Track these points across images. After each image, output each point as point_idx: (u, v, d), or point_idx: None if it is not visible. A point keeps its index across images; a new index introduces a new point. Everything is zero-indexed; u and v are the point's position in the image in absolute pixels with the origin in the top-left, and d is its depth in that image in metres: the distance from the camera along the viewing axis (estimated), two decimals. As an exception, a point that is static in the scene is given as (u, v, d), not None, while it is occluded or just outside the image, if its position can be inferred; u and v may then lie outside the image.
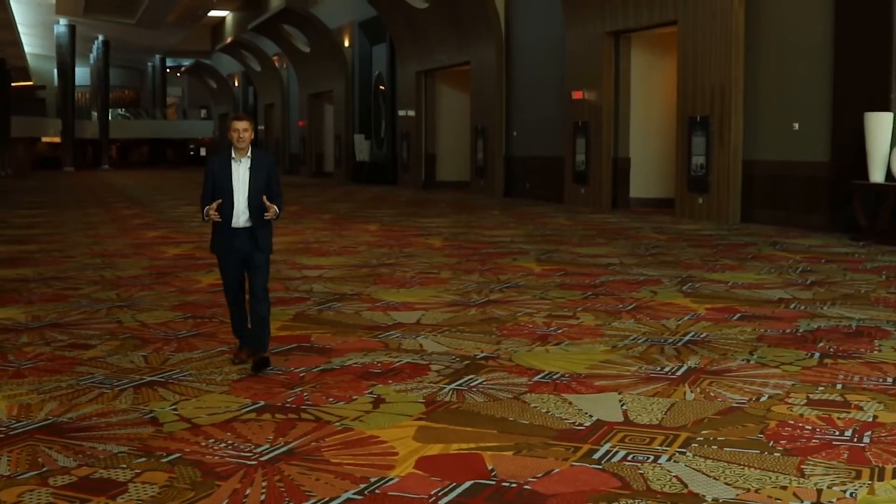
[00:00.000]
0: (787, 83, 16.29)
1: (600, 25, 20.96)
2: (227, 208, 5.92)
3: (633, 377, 5.77)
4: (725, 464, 4.19)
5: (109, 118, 66.97)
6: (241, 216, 5.95)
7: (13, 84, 59.59)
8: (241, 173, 5.96)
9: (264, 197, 5.93)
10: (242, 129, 5.92)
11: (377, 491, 3.91)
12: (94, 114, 67.80)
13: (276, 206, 5.95)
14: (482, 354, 6.41)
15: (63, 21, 58.64)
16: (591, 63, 21.37)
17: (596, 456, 4.30)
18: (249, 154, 5.99)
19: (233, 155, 6.00)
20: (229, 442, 4.53)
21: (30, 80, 71.20)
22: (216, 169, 6.00)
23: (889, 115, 13.94)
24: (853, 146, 14.56)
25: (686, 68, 18.25)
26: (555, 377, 5.77)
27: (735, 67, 17.02)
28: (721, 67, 17.30)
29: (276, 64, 49.60)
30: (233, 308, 6.29)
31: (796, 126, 16.09)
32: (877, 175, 14.02)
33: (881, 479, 4.04)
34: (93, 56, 68.48)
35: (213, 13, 62.57)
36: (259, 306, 6.02)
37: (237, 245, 5.98)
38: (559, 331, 7.24)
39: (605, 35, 20.91)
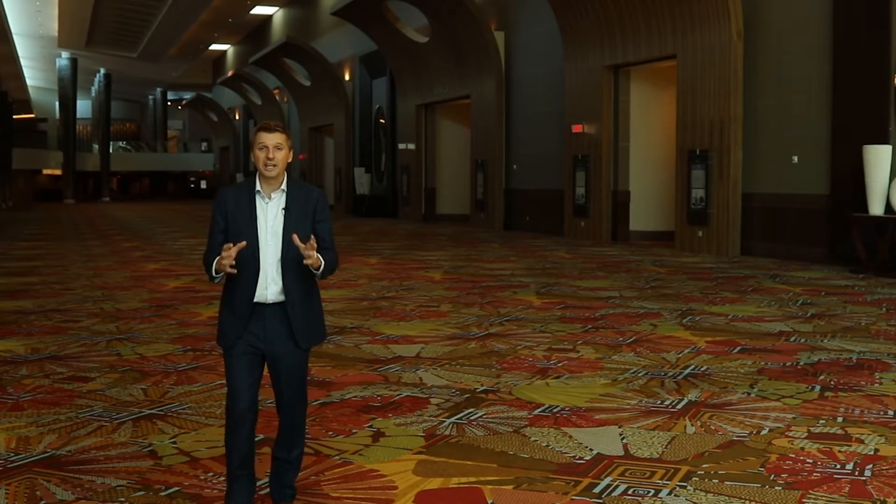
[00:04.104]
0: (786, 116, 16.36)
1: (599, 59, 21.09)
2: (247, 273, 3.79)
3: (634, 410, 5.75)
4: (726, 498, 4.18)
5: (110, 151, 67.26)
6: (270, 285, 3.82)
7: (15, 116, 59.90)
8: (270, 217, 3.82)
9: (295, 237, 3.75)
10: (273, 145, 3.77)
11: (377, 525, 3.89)
12: (96, 146, 68.15)
13: (316, 252, 3.78)
14: (482, 388, 6.40)
15: (65, 54, 59.08)
16: (590, 97, 21.47)
17: (596, 490, 4.29)
18: (284, 187, 3.85)
19: (257, 187, 3.84)
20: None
21: (31, 113, 71.68)
22: (231, 209, 3.83)
23: (888, 148, 13.99)
24: (852, 179, 14.61)
25: (685, 102, 18.34)
26: (555, 410, 5.75)
27: (734, 101, 17.10)
28: (720, 101, 17.39)
29: (277, 97, 49.83)
30: (237, 436, 3.83)
31: (795, 159, 16.15)
32: (876, 208, 14.05)
33: (883, 513, 4.02)
34: (94, 89, 68.97)
35: (214, 47, 63.11)
36: (288, 442, 3.98)
37: (261, 332, 3.83)
38: (559, 364, 7.23)
39: (604, 69, 21.04)
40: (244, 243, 3.70)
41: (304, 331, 3.87)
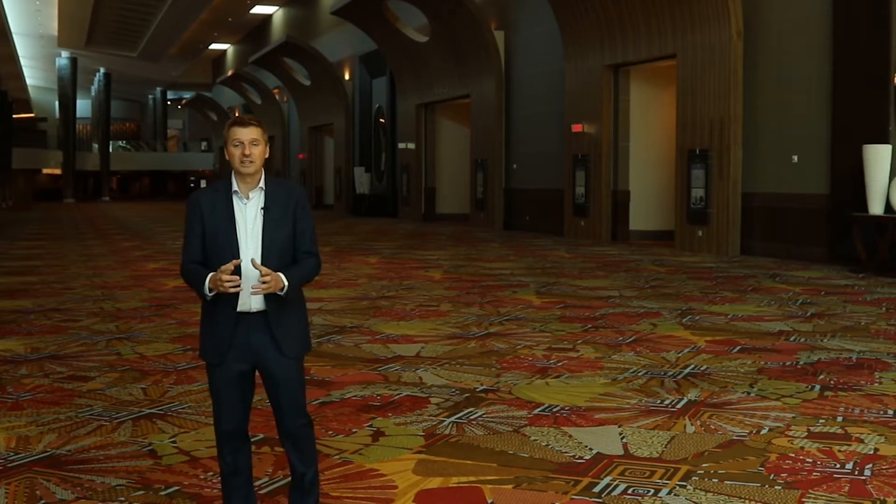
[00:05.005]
0: (786, 116, 16.36)
1: (599, 59, 21.08)
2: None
3: (634, 410, 5.75)
4: (726, 497, 4.17)
5: (110, 150, 67.25)
6: (251, 293, 3.54)
7: (15, 116, 59.89)
8: (249, 219, 3.56)
9: (253, 260, 3.49)
10: (249, 140, 3.53)
11: (376, 524, 3.89)
12: (95, 146, 68.16)
13: (274, 274, 3.47)
14: (482, 387, 6.39)
15: (65, 54, 59.10)
16: (590, 96, 21.47)
17: (596, 489, 4.29)
18: (262, 184, 3.61)
19: (234, 187, 3.59)
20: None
21: (31, 112, 71.69)
22: (207, 213, 3.58)
23: (887, 148, 13.99)
24: (852, 178, 14.61)
25: (685, 101, 18.34)
26: (555, 410, 5.75)
27: (734, 100, 17.10)
28: (720, 100, 17.39)
29: (277, 97, 49.83)
30: (224, 455, 3.68)
31: (795, 158, 16.15)
32: (876, 207, 14.05)
33: (883, 512, 4.02)
34: (94, 88, 68.98)
35: (214, 46, 63.10)
36: (298, 452, 3.70)
37: (245, 343, 3.56)
38: (559, 363, 7.23)
39: (604, 68, 21.03)
40: (239, 261, 3.46)
41: (288, 339, 3.57)
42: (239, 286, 3.44)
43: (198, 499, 4.19)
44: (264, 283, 3.43)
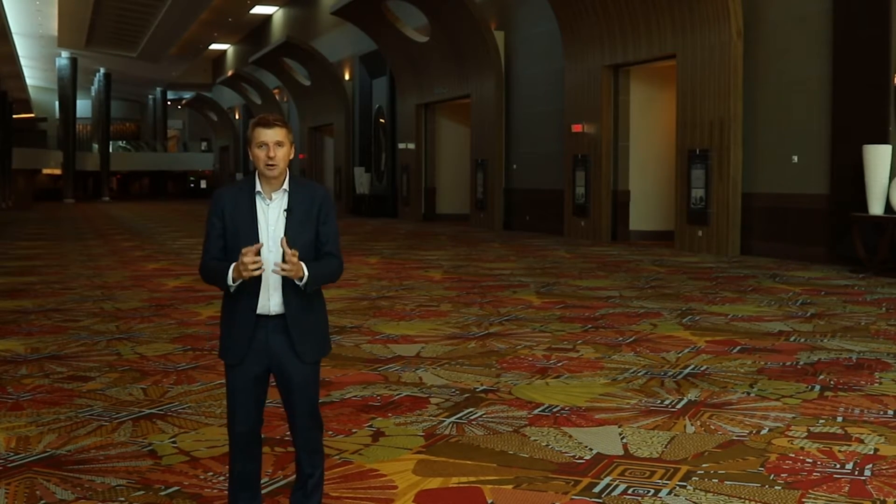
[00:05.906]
0: (786, 116, 16.36)
1: (599, 59, 21.08)
2: (248, 283, 3.47)
3: (634, 410, 5.75)
4: (726, 497, 4.18)
5: (110, 150, 67.20)
6: (273, 295, 3.51)
7: (15, 116, 59.84)
8: (271, 220, 3.50)
9: (283, 240, 3.42)
10: (274, 142, 3.45)
11: (376, 525, 3.89)
12: (95, 146, 68.11)
13: (295, 258, 3.40)
14: (482, 387, 6.39)
15: (65, 54, 59.06)
16: (590, 96, 21.47)
17: (596, 490, 4.29)
18: (286, 186, 3.54)
19: (257, 187, 3.53)
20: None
21: (31, 112, 71.63)
22: (229, 211, 3.52)
23: (888, 148, 13.98)
24: (852, 179, 14.61)
25: (685, 101, 18.34)
26: (555, 410, 5.75)
27: (734, 100, 17.10)
28: (720, 100, 17.39)
29: (277, 97, 49.82)
30: (235, 459, 3.67)
31: (795, 159, 16.15)
32: (876, 207, 14.05)
33: (883, 513, 4.02)
34: (94, 88, 68.94)
35: (214, 46, 63.12)
36: (308, 454, 3.69)
37: (263, 346, 3.53)
38: (559, 364, 7.23)
39: (604, 68, 21.03)
40: (261, 244, 3.41)
41: (306, 344, 3.54)
42: (261, 268, 3.37)
43: (198, 499, 4.20)
44: (287, 265, 3.37)
